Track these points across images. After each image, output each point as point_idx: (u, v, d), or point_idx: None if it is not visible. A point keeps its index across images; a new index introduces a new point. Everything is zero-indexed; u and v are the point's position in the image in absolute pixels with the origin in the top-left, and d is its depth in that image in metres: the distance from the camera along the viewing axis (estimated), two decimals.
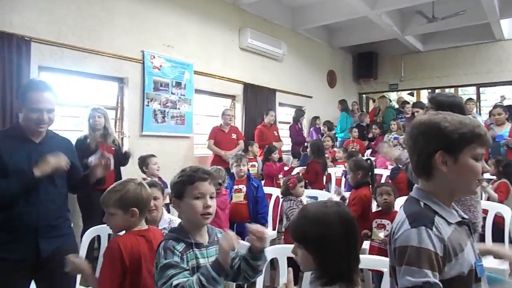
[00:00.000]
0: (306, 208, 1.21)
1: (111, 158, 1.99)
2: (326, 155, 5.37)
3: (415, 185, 1.16)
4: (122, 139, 4.50)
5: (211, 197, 1.41)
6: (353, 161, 3.29)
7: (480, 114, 7.64)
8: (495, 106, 5.05)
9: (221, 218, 3.03)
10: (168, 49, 4.96)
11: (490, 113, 5.59)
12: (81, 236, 2.64)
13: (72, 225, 2.16)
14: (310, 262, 1.13)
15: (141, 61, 4.64)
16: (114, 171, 3.69)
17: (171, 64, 4.95)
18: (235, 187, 3.40)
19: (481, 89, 8.68)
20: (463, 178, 1.06)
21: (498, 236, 2.81)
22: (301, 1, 6.81)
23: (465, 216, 1.13)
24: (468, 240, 1.08)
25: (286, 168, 5.03)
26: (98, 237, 2.53)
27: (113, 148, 3.73)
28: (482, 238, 2.69)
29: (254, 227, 1.38)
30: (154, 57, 4.74)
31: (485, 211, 2.72)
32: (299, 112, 7.01)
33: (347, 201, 3.18)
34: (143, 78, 4.65)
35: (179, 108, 5.03)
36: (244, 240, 2.87)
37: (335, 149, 6.16)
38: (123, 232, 1.67)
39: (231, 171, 3.51)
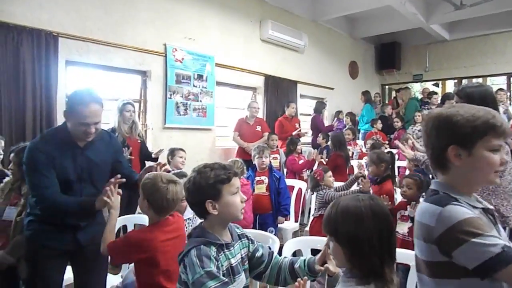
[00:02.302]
0: (338, 201, 1.17)
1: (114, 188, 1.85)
2: (348, 148, 5.32)
3: (433, 179, 1.16)
4: (145, 131, 4.58)
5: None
6: (375, 153, 3.23)
7: (511, 104, 7.35)
8: None
9: (245, 209, 3.04)
10: (189, 42, 5.00)
11: None
12: None
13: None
14: (342, 256, 1.11)
15: (164, 54, 4.69)
16: (139, 164, 3.82)
17: (193, 56, 4.98)
18: (257, 178, 3.42)
19: (511, 79, 8.34)
20: (479, 170, 1.04)
21: None
22: None
23: (489, 206, 1.10)
24: (494, 227, 1.04)
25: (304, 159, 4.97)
26: (124, 227, 2.61)
27: (139, 141, 3.82)
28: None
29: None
30: (176, 50, 4.78)
31: None
32: (320, 104, 6.93)
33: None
34: (166, 71, 4.71)
35: (201, 101, 5.08)
36: (266, 230, 2.91)
37: (357, 141, 6.08)
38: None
39: (254, 163, 3.52)
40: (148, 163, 3.94)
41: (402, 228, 2.65)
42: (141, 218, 2.59)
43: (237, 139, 5.18)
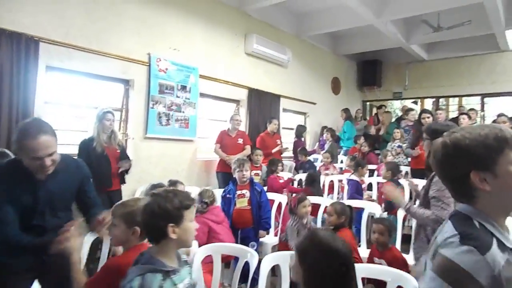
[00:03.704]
0: (317, 232, 1.31)
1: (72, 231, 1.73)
2: (322, 169, 5.58)
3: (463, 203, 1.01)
4: (126, 141, 4.51)
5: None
6: (340, 204, 3.01)
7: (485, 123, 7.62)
8: (500, 115, 5.02)
9: (219, 231, 2.98)
10: (174, 52, 4.99)
11: (495, 122, 5.58)
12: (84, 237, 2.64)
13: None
14: (299, 275, 1.22)
15: (147, 64, 4.66)
16: (118, 174, 3.75)
17: (177, 67, 4.97)
18: (238, 192, 3.38)
19: (485, 99, 8.67)
20: (510, 190, 0.92)
21: None
22: (307, 8, 6.84)
23: None
24: None
25: (290, 175, 5.02)
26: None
27: (118, 151, 3.76)
28: None
29: None
30: (160, 60, 4.76)
31: None
32: (301, 128, 7.02)
33: None
34: (149, 80, 4.67)
35: (183, 112, 5.05)
36: (248, 245, 2.88)
37: (334, 164, 6.14)
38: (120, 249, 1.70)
39: (234, 176, 3.50)
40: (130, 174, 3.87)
41: None
42: None
43: (218, 151, 5.17)
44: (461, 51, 8.26)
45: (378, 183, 4.72)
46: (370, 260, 2.74)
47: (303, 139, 7.02)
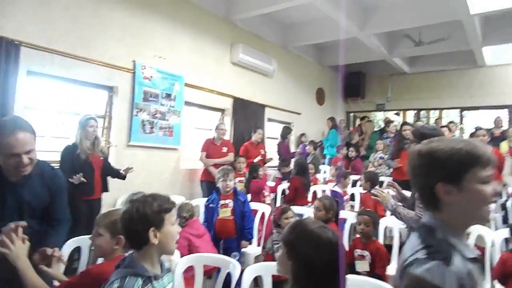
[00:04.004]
0: (304, 222, 1.26)
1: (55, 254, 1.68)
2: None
3: (429, 211, 1.06)
4: (108, 148, 4.44)
5: None
6: (328, 199, 3.16)
7: (462, 137, 7.83)
8: (478, 128, 5.16)
9: (199, 244, 2.95)
10: (159, 60, 4.97)
11: (473, 135, 5.73)
12: (60, 247, 2.57)
13: None
14: (287, 268, 1.19)
15: (132, 71, 4.63)
16: (101, 181, 3.69)
17: (162, 75, 4.95)
18: (222, 202, 3.37)
19: (464, 113, 8.93)
20: (472, 205, 0.96)
21: None
22: (293, 19, 6.94)
23: (478, 252, 1.04)
24: (480, 279, 0.98)
25: (272, 184, 5.04)
26: (79, 248, 2.48)
27: (101, 158, 3.71)
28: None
29: None
30: (145, 68, 4.73)
31: None
32: (286, 129, 7.08)
33: None
34: (133, 88, 4.63)
35: (167, 120, 5.02)
36: (230, 255, 2.86)
37: (317, 176, 6.20)
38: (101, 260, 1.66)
39: (218, 185, 3.48)
40: (117, 178, 3.81)
41: (362, 267, 2.67)
42: None
43: (204, 159, 5.15)
44: (441, 66, 8.51)
45: (360, 193, 4.77)
46: (351, 253, 2.76)
47: (287, 141, 7.05)
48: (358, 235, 2.88)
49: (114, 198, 4.08)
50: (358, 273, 2.69)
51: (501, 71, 8.15)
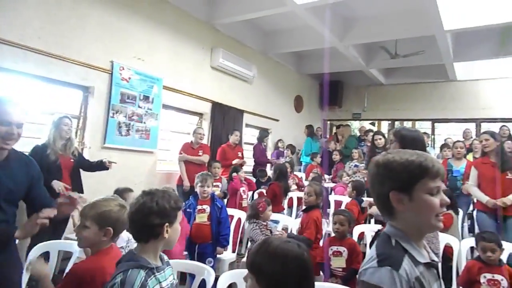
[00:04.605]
0: (268, 241, 1.21)
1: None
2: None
3: (388, 220, 1.13)
4: (82, 149, 4.33)
5: None
6: (319, 185, 3.39)
7: (433, 148, 8.11)
8: (457, 141, 5.37)
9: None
10: (138, 62, 4.90)
11: (444, 146, 5.96)
12: (27, 252, 2.48)
13: (17, 241, 2.00)
14: None
15: (110, 72, 4.54)
16: (70, 183, 3.56)
17: (140, 77, 4.88)
18: (199, 207, 3.34)
19: (436, 124, 9.25)
20: (421, 214, 1.03)
21: (444, 265, 2.98)
22: (274, 27, 7.01)
23: (435, 259, 1.10)
24: (435, 284, 1.05)
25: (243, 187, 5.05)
26: (47, 253, 2.39)
27: (71, 160, 3.59)
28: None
29: None
30: (123, 69, 4.65)
31: None
32: (264, 133, 7.13)
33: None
34: (110, 89, 4.54)
35: (145, 122, 4.94)
36: (205, 262, 2.84)
37: (295, 173, 6.30)
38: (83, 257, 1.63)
39: (195, 190, 3.45)
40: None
41: (338, 263, 2.73)
42: (69, 245, 2.40)
43: (181, 163, 5.11)
44: (416, 78, 8.81)
45: (335, 201, 4.85)
46: (326, 249, 2.81)
47: (263, 144, 7.08)
48: (333, 234, 2.96)
49: (88, 200, 3.96)
50: (333, 271, 2.75)
51: (471, 86, 8.52)
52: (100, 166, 3.80)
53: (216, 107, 6.25)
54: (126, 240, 2.37)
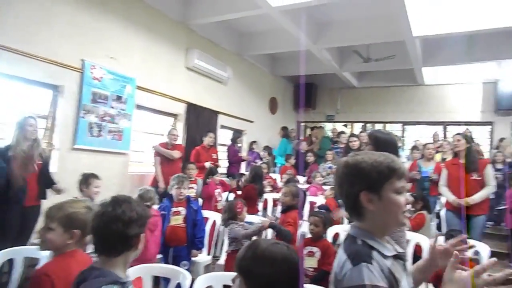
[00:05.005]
0: (256, 243, 1.19)
1: None
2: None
3: (352, 222, 1.17)
4: (50, 151, 4.16)
5: None
6: (296, 187, 3.43)
7: (403, 149, 8.37)
8: (428, 143, 5.58)
9: (149, 239, 2.89)
10: (111, 61, 4.78)
11: (414, 148, 6.17)
12: None
13: None
14: None
15: (81, 71, 4.39)
16: (37, 187, 3.42)
17: (113, 76, 4.76)
18: (174, 209, 3.29)
19: (405, 127, 9.56)
20: (389, 212, 1.08)
21: (416, 261, 3.07)
22: (249, 28, 7.03)
23: (400, 250, 1.14)
24: (404, 273, 1.10)
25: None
26: (11, 260, 2.29)
27: (39, 162, 3.44)
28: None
29: None
30: (95, 68, 4.52)
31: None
32: (237, 134, 7.14)
33: None
34: (81, 88, 4.40)
35: (117, 123, 4.82)
36: (179, 265, 2.79)
37: (270, 174, 6.33)
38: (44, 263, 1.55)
39: (170, 192, 3.40)
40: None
41: (310, 263, 2.76)
42: (35, 251, 2.30)
43: (157, 164, 5.05)
44: (387, 82, 9.08)
45: (310, 202, 4.90)
46: (301, 250, 2.82)
47: (239, 145, 7.08)
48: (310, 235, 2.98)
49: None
50: (305, 270, 2.78)
51: (437, 91, 8.87)
52: (51, 186, 3.57)
53: (190, 108, 6.19)
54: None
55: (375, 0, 5.23)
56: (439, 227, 4.76)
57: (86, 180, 3.22)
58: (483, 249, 3.03)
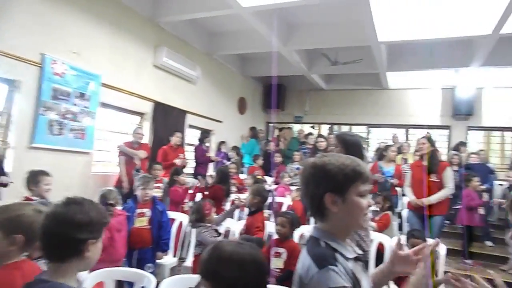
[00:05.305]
0: (221, 246, 1.17)
1: None
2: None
3: (314, 224, 1.18)
4: (5, 149, 3.94)
5: None
6: (257, 186, 3.45)
7: (368, 151, 8.62)
8: (390, 145, 5.79)
9: (116, 240, 2.81)
10: (74, 56, 4.58)
11: (379, 149, 6.36)
12: None
13: None
14: None
15: (40, 65, 4.18)
16: None
17: (76, 72, 4.57)
18: (138, 211, 3.20)
19: (370, 129, 9.85)
20: (352, 215, 1.09)
21: (379, 260, 3.18)
22: (219, 28, 6.99)
23: (360, 252, 1.16)
24: (364, 275, 1.13)
25: (190, 191, 4.96)
26: None
27: None
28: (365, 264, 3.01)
29: None
30: (56, 63, 4.32)
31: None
32: (205, 134, 7.08)
33: None
34: (40, 83, 4.19)
35: (80, 121, 4.63)
36: (143, 268, 2.73)
37: (240, 175, 6.32)
38: None
39: (135, 193, 3.31)
40: None
41: (277, 264, 2.78)
42: None
43: (122, 165, 4.91)
44: (354, 85, 9.32)
45: (277, 202, 4.94)
46: (267, 252, 2.84)
47: (207, 145, 7.02)
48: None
49: None
50: (272, 271, 2.79)
51: (401, 95, 9.21)
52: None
53: (158, 107, 6.06)
54: None
55: (344, 6, 5.35)
56: (400, 227, 4.94)
57: (35, 178, 3.00)
58: (440, 247, 3.19)
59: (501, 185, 6.43)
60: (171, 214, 3.76)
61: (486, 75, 8.04)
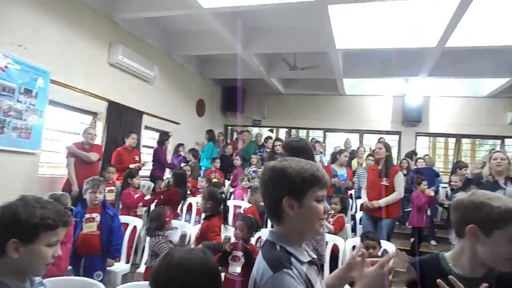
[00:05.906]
0: (170, 254, 1.16)
1: None
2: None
3: (271, 228, 1.19)
4: None
5: None
6: (208, 190, 3.39)
7: (325, 155, 8.85)
8: (344, 150, 6.04)
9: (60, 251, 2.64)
10: (18, 49, 4.27)
11: (336, 154, 6.55)
12: None
13: None
14: None
15: None
16: None
17: (21, 67, 4.26)
18: (87, 215, 3.04)
19: (327, 133, 10.13)
20: (308, 220, 1.10)
21: (333, 261, 3.26)
22: (178, 28, 6.86)
23: (314, 256, 1.18)
24: (318, 278, 1.14)
25: (147, 197, 4.80)
26: None
27: None
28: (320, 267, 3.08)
29: None
30: None
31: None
32: (164, 136, 6.92)
33: None
34: None
35: (25, 119, 4.32)
36: (93, 277, 2.59)
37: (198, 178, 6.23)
38: None
39: (84, 197, 3.14)
40: None
41: (234, 268, 2.75)
42: None
43: (70, 167, 4.63)
44: (311, 90, 9.55)
45: (234, 205, 4.92)
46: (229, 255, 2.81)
47: (164, 148, 6.86)
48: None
49: None
50: (227, 275, 2.76)
51: (356, 101, 9.57)
52: None
53: (112, 106, 5.82)
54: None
55: (304, 12, 5.45)
56: (353, 229, 5.11)
57: None
58: (390, 248, 3.35)
59: (445, 187, 6.87)
60: (124, 219, 3.61)
61: (432, 84, 8.59)
